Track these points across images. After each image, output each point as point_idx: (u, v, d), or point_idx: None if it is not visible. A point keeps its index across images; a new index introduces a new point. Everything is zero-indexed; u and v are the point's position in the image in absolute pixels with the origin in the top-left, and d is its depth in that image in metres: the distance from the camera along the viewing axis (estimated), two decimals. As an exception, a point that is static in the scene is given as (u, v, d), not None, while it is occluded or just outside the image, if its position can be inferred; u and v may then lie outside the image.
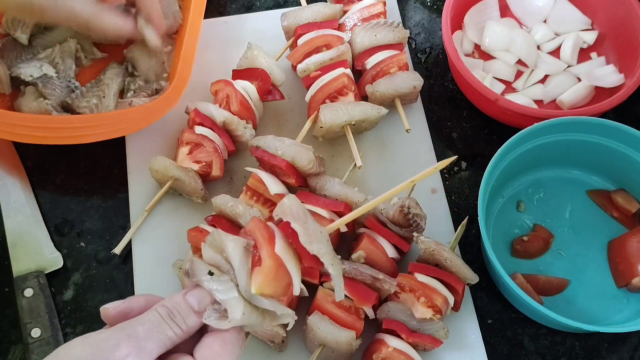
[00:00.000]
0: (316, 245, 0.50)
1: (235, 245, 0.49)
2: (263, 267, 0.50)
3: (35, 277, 0.80)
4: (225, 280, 0.49)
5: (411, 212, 0.77)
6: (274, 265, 0.50)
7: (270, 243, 0.51)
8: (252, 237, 0.51)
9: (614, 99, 0.86)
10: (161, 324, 0.47)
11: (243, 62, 0.89)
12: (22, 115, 0.82)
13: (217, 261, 0.50)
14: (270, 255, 0.50)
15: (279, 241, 0.51)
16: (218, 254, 0.50)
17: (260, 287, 0.49)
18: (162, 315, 0.47)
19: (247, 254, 0.50)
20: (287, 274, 0.51)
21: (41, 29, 0.97)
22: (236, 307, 0.48)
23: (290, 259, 0.51)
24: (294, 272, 0.51)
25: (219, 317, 0.48)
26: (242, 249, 0.50)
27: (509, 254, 0.85)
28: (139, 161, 0.88)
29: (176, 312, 0.48)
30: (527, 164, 0.86)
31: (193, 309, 0.48)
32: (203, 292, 0.49)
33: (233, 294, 0.48)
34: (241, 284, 0.49)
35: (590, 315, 0.80)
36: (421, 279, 0.75)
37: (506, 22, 1.01)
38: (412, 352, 0.72)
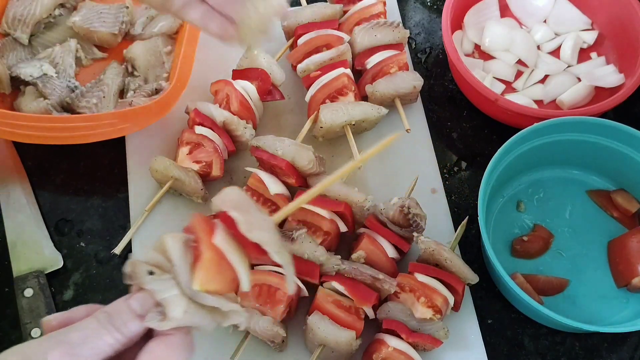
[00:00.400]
0: (257, 232, 0.47)
1: (174, 240, 0.47)
2: (204, 261, 0.47)
3: (35, 277, 0.80)
4: (167, 279, 0.46)
5: (411, 212, 0.77)
6: (213, 257, 0.47)
7: (209, 235, 0.48)
8: (193, 232, 0.49)
9: (614, 99, 0.86)
10: (98, 330, 0.44)
11: (243, 62, 0.89)
12: (22, 115, 0.82)
13: (158, 261, 0.47)
14: (209, 247, 0.47)
15: (219, 232, 0.48)
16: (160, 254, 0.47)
17: (202, 282, 0.46)
18: (100, 321, 0.44)
19: (187, 249, 0.47)
20: (231, 267, 0.48)
21: (41, 29, 0.97)
22: (176, 305, 0.46)
23: (232, 250, 0.48)
24: (238, 265, 0.48)
25: (162, 319, 0.46)
26: (181, 244, 0.47)
27: (509, 254, 0.85)
28: (139, 161, 0.88)
29: (116, 317, 0.45)
30: (527, 164, 0.86)
31: (135, 313, 0.45)
32: (145, 295, 0.46)
33: (173, 291, 0.46)
34: (183, 281, 0.46)
35: (590, 315, 0.80)
36: (421, 279, 0.75)
37: (506, 22, 1.01)
38: (412, 352, 0.72)
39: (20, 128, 0.79)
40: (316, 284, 0.76)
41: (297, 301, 0.77)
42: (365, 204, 0.78)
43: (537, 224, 0.86)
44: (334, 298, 0.74)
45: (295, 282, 0.50)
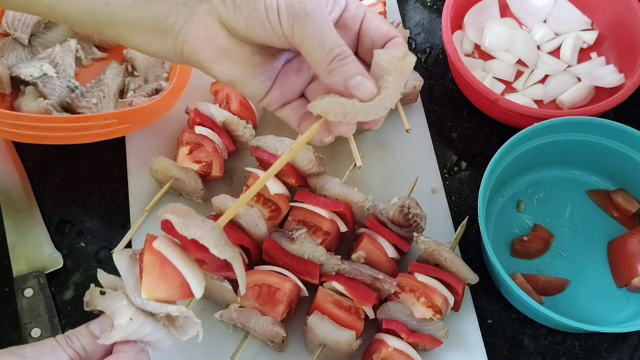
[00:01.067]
0: (193, 229, 0.47)
1: (120, 256, 0.49)
2: (145, 266, 0.47)
3: (35, 277, 0.80)
4: (116, 294, 0.48)
5: (411, 212, 0.77)
6: (154, 260, 0.47)
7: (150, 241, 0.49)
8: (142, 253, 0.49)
9: (614, 99, 0.86)
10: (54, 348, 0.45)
11: (243, 62, 0.89)
12: (22, 115, 0.82)
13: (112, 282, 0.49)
14: (149, 251, 0.48)
15: (159, 238, 0.49)
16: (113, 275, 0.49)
17: (148, 290, 0.47)
18: (58, 342, 0.46)
19: (133, 262, 0.49)
20: (176, 271, 0.48)
21: (41, 29, 0.97)
22: (121, 314, 0.47)
23: (174, 254, 0.48)
24: (184, 268, 0.48)
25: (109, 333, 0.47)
26: (127, 258, 0.48)
27: (509, 254, 0.85)
28: (139, 161, 0.88)
29: (74, 339, 0.46)
30: (527, 164, 0.86)
31: (94, 334, 0.47)
32: (104, 318, 0.48)
33: (121, 302, 0.47)
34: (130, 293, 0.47)
35: (590, 315, 0.80)
36: (421, 279, 0.75)
37: (506, 22, 1.01)
38: (412, 352, 0.72)
39: (20, 128, 0.79)
40: (316, 284, 0.76)
41: (297, 301, 0.77)
42: (365, 204, 0.78)
43: (537, 224, 0.86)
44: (334, 298, 0.74)
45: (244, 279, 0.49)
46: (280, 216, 0.81)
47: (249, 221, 0.75)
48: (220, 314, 0.74)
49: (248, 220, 0.75)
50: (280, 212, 0.80)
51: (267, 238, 0.76)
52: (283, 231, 0.76)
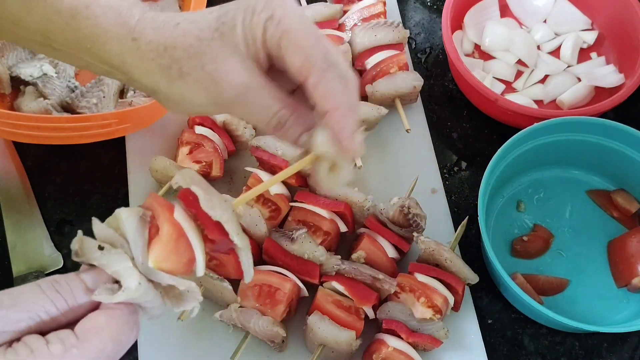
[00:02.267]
0: (219, 211, 0.45)
1: (130, 213, 0.44)
2: (161, 235, 0.44)
3: (35, 277, 0.80)
4: (118, 253, 0.43)
5: (411, 212, 0.77)
6: (172, 232, 0.45)
7: (169, 210, 0.46)
8: (150, 209, 0.46)
9: (614, 99, 0.86)
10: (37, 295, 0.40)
11: (243, 62, 0.89)
12: (22, 115, 0.82)
13: (110, 237, 0.44)
14: (168, 220, 0.45)
15: (178, 208, 0.46)
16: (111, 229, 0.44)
17: (158, 258, 0.44)
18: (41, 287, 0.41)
19: (143, 224, 0.44)
20: (189, 247, 0.46)
21: (41, 29, 0.97)
22: (129, 276, 0.43)
23: (191, 229, 0.46)
24: (196, 246, 0.46)
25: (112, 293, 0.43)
26: (137, 218, 0.44)
27: (509, 254, 0.85)
28: (139, 161, 0.88)
29: (64, 285, 0.42)
30: (527, 164, 0.86)
31: (86, 285, 0.43)
32: (99, 271, 0.43)
33: (126, 264, 0.43)
34: (137, 256, 0.44)
35: (590, 315, 0.80)
36: (421, 279, 0.75)
37: (506, 22, 1.01)
38: (412, 352, 0.72)
39: (20, 128, 0.79)
40: (316, 284, 0.76)
41: (297, 301, 0.77)
42: (365, 204, 0.78)
43: (537, 224, 0.86)
44: (334, 298, 0.74)
45: (252, 270, 0.49)
46: (280, 216, 0.81)
47: (249, 221, 0.75)
48: (220, 314, 0.74)
49: (248, 220, 0.75)
50: (280, 212, 0.80)
51: (267, 238, 0.76)
52: (283, 231, 0.76)
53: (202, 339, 0.77)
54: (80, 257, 0.44)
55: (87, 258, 0.44)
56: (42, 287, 0.41)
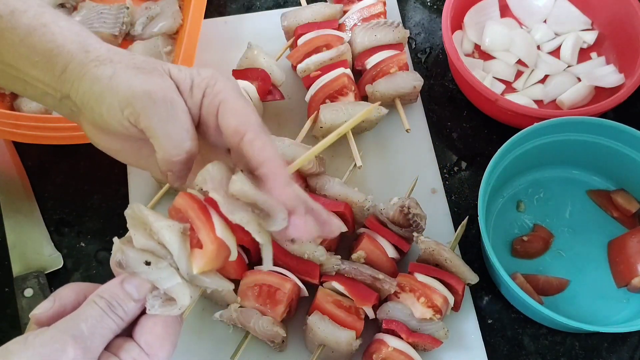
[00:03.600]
0: (238, 214, 0.48)
1: (172, 232, 0.47)
2: (205, 251, 0.48)
3: (35, 277, 0.80)
4: (165, 267, 0.46)
5: (411, 212, 0.77)
6: (216, 249, 0.48)
7: (210, 225, 0.49)
8: (186, 216, 0.49)
9: (614, 99, 0.86)
10: (103, 318, 0.44)
11: (243, 62, 0.89)
12: (22, 116, 0.82)
13: (150, 247, 0.47)
14: (213, 241, 0.48)
15: (217, 221, 0.49)
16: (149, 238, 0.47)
17: (202, 268, 0.48)
18: (102, 309, 0.45)
19: (184, 238, 0.48)
20: (227, 249, 0.50)
21: (41, 29, 0.97)
22: (183, 293, 0.46)
23: (229, 235, 0.49)
24: (231, 245, 0.50)
25: (163, 304, 0.46)
26: (179, 235, 0.47)
27: (509, 254, 0.85)
28: (139, 161, 0.88)
29: (115, 303, 0.45)
30: (527, 164, 0.86)
31: (132, 297, 0.46)
32: (140, 279, 0.46)
33: (177, 279, 0.46)
34: (181, 268, 0.47)
35: (590, 315, 0.80)
36: (421, 279, 0.75)
37: (506, 22, 1.01)
38: (412, 352, 0.72)
39: (20, 128, 0.79)
40: (316, 284, 0.76)
41: (297, 301, 0.77)
42: (365, 204, 0.78)
43: (537, 224, 0.86)
44: (334, 298, 0.74)
45: (271, 262, 0.52)
46: (280, 216, 0.80)
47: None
48: (220, 314, 0.74)
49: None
50: (280, 212, 0.80)
51: (267, 238, 0.76)
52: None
53: (202, 339, 0.77)
54: (126, 269, 0.47)
55: (132, 271, 0.47)
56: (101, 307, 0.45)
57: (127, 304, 0.46)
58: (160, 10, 0.99)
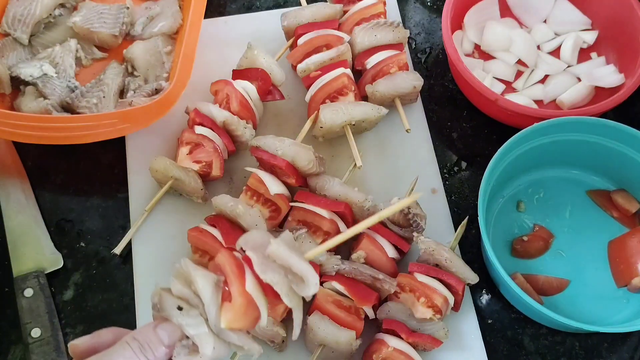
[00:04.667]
0: (270, 274, 0.50)
1: (206, 281, 0.50)
2: (234, 305, 0.50)
3: (35, 277, 0.80)
4: (195, 315, 0.49)
5: (411, 212, 0.77)
6: (244, 303, 0.50)
7: (241, 280, 0.51)
8: (222, 271, 0.51)
9: (614, 99, 0.86)
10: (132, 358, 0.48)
11: (243, 62, 0.89)
12: (22, 115, 0.82)
13: (185, 294, 0.50)
14: (242, 294, 0.50)
15: (249, 278, 0.51)
16: (187, 287, 0.50)
17: (229, 322, 0.50)
18: (134, 350, 0.48)
19: (217, 289, 0.50)
20: (257, 309, 0.51)
21: (41, 29, 0.97)
22: (207, 342, 0.49)
23: (259, 296, 0.51)
24: (262, 306, 0.51)
25: (189, 353, 0.49)
26: (212, 285, 0.50)
27: (509, 254, 0.85)
28: (139, 161, 0.88)
29: (147, 346, 0.48)
30: (527, 164, 0.86)
31: (163, 342, 0.49)
32: (173, 327, 0.49)
33: (203, 329, 0.49)
34: (210, 319, 0.49)
35: (591, 315, 0.80)
36: (421, 279, 0.75)
37: (506, 22, 1.01)
38: (412, 352, 0.72)
39: (20, 128, 0.79)
40: (316, 284, 0.76)
41: (297, 301, 0.77)
42: (365, 204, 0.78)
43: (537, 224, 0.86)
44: (334, 298, 0.74)
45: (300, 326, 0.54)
46: (280, 216, 0.81)
47: (249, 221, 0.75)
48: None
49: (248, 220, 0.75)
50: (280, 212, 0.80)
51: (267, 238, 0.76)
52: (283, 231, 0.76)
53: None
54: (159, 311, 0.50)
55: (165, 314, 0.50)
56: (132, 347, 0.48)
57: (157, 348, 0.48)
58: (160, 10, 0.99)
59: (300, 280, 0.51)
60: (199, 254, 0.77)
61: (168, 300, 0.50)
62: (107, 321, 0.79)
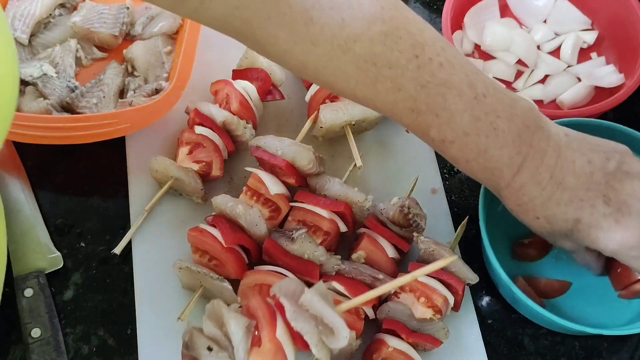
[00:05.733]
0: (301, 323, 0.50)
1: (238, 324, 0.50)
2: (262, 350, 0.50)
3: (35, 277, 0.80)
4: (224, 357, 0.50)
5: (411, 212, 0.77)
6: (273, 350, 0.51)
7: (272, 326, 0.51)
8: (254, 315, 0.52)
9: (614, 99, 0.86)
10: None
11: (243, 62, 0.89)
12: (22, 115, 0.82)
13: (216, 335, 0.51)
14: (271, 340, 0.51)
15: (280, 324, 0.51)
16: (218, 328, 0.51)
17: None
18: None
19: (247, 333, 0.51)
20: (284, 357, 0.51)
21: (41, 29, 0.97)
22: None
23: (289, 344, 0.51)
24: (290, 354, 0.52)
25: None
26: (244, 328, 0.50)
27: (510, 257, 0.84)
28: (139, 161, 0.88)
29: None
30: (526, 164, 0.86)
31: None
32: None
33: None
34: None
35: (593, 317, 0.80)
36: (421, 279, 0.75)
37: (506, 22, 1.01)
38: (412, 352, 0.72)
39: (20, 128, 0.79)
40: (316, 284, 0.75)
41: (297, 301, 0.77)
42: (365, 204, 0.78)
43: (537, 225, 0.86)
44: (334, 298, 0.74)
45: None
46: (280, 216, 0.81)
47: (249, 221, 0.75)
48: (220, 314, 0.74)
49: (248, 220, 0.75)
50: (280, 212, 0.80)
51: (267, 238, 0.76)
52: (283, 231, 0.76)
53: (202, 339, 0.77)
54: (190, 351, 0.51)
55: (196, 354, 0.50)
56: None
57: None
58: (160, 10, 0.99)
59: (331, 332, 0.51)
60: (199, 254, 0.77)
61: (199, 339, 0.50)
62: (107, 321, 0.80)
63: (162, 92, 0.88)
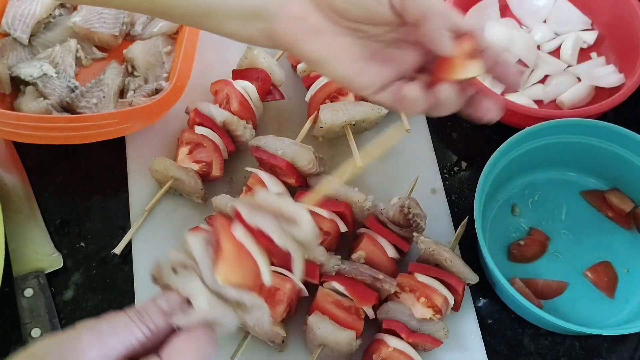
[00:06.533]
0: (258, 218, 0.49)
1: (196, 238, 0.49)
2: (225, 255, 0.49)
3: (35, 277, 0.80)
4: (189, 275, 0.48)
5: (411, 212, 0.77)
6: (233, 248, 0.49)
7: (228, 228, 0.50)
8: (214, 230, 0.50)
9: (614, 99, 0.86)
10: (127, 323, 0.46)
11: (243, 62, 0.89)
12: (22, 115, 0.82)
13: (182, 261, 0.49)
14: (228, 239, 0.49)
15: (238, 226, 0.50)
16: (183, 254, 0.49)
17: (224, 274, 0.48)
18: (129, 316, 0.46)
19: (208, 247, 0.49)
20: (252, 260, 0.49)
21: (41, 29, 0.97)
22: (199, 296, 0.47)
23: (252, 244, 0.50)
24: (259, 259, 0.50)
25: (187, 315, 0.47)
26: (203, 241, 0.49)
27: (506, 258, 0.84)
28: (139, 161, 0.88)
29: (144, 314, 0.47)
30: (520, 167, 0.86)
31: (162, 310, 0.47)
32: (172, 295, 0.48)
33: (197, 284, 0.48)
34: (206, 276, 0.48)
35: (590, 316, 0.80)
36: (421, 279, 0.75)
37: (506, 22, 1.01)
38: (412, 352, 0.72)
39: (20, 128, 0.79)
40: (316, 284, 0.76)
41: (297, 301, 0.77)
42: (365, 204, 0.78)
43: (533, 228, 0.86)
44: (334, 298, 0.74)
45: (301, 272, 0.52)
46: (280, 216, 0.80)
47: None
48: (220, 314, 0.74)
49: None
50: (280, 212, 0.80)
51: (267, 238, 0.76)
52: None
53: (202, 339, 0.77)
54: (159, 282, 0.49)
55: (164, 281, 0.49)
56: (132, 318, 0.46)
57: (155, 314, 0.47)
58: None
59: (293, 222, 0.49)
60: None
61: (164, 268, 0.49)
62: (107, 321, 0.80)
63: (162, 92, 0.88)
